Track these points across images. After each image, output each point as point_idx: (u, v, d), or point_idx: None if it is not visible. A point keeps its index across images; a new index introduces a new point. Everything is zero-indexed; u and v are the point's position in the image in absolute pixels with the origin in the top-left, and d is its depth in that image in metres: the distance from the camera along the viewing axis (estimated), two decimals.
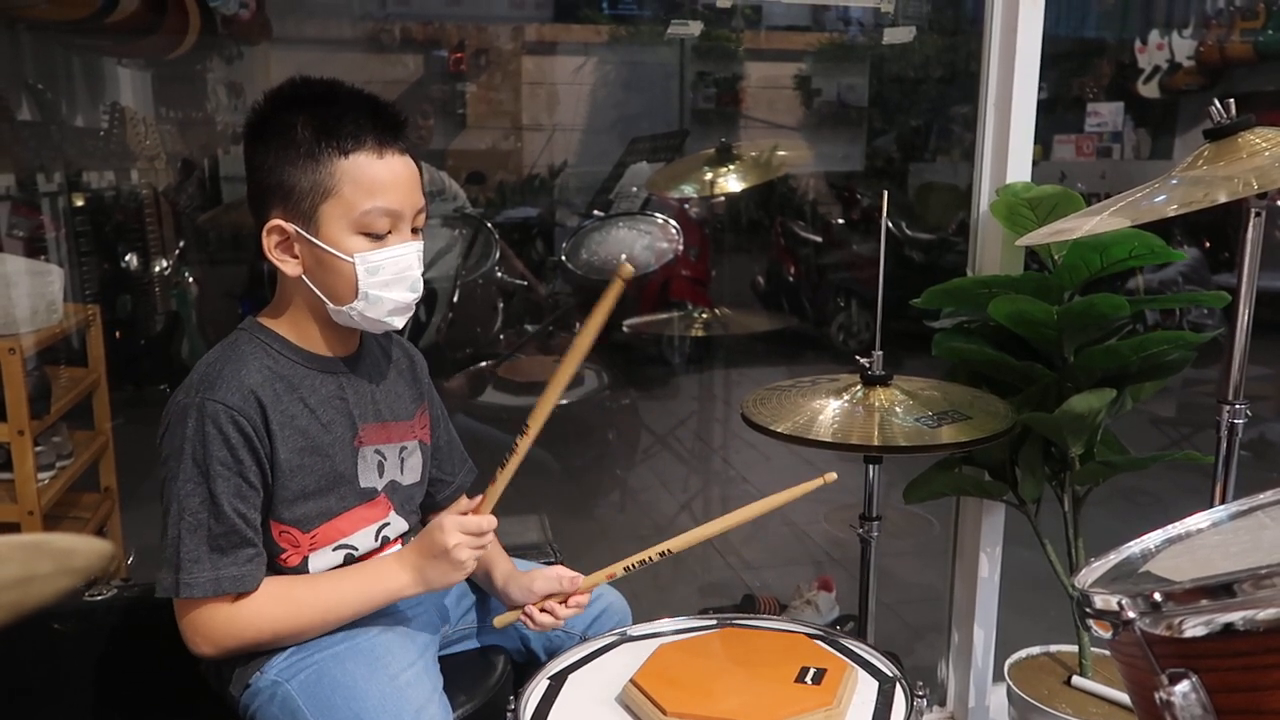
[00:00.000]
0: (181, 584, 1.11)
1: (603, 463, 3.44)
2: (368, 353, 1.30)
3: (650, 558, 1.26)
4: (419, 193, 1.20)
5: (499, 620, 1.32)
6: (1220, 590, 0.75)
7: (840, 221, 5.61)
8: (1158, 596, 0.80)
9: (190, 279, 3.63)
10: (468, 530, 1.17)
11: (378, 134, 1.15)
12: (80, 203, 3.20)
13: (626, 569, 1.27)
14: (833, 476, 1.22)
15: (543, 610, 1.28)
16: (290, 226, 1.16)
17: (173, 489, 1.12)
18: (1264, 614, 0.73)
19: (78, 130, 3.44)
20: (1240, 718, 0.76)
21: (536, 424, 1.19)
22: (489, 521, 1.19)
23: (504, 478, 1.22)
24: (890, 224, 3.94)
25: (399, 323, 1.21)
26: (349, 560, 1.25)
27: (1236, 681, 0.75)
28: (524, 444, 1.20)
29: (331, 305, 1.18)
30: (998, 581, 2.10)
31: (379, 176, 1.15)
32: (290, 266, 1.18)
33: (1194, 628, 0.77)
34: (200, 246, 3.81)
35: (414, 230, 1.21)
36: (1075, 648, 1.92)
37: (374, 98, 1.19)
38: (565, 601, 1.28)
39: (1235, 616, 0.74)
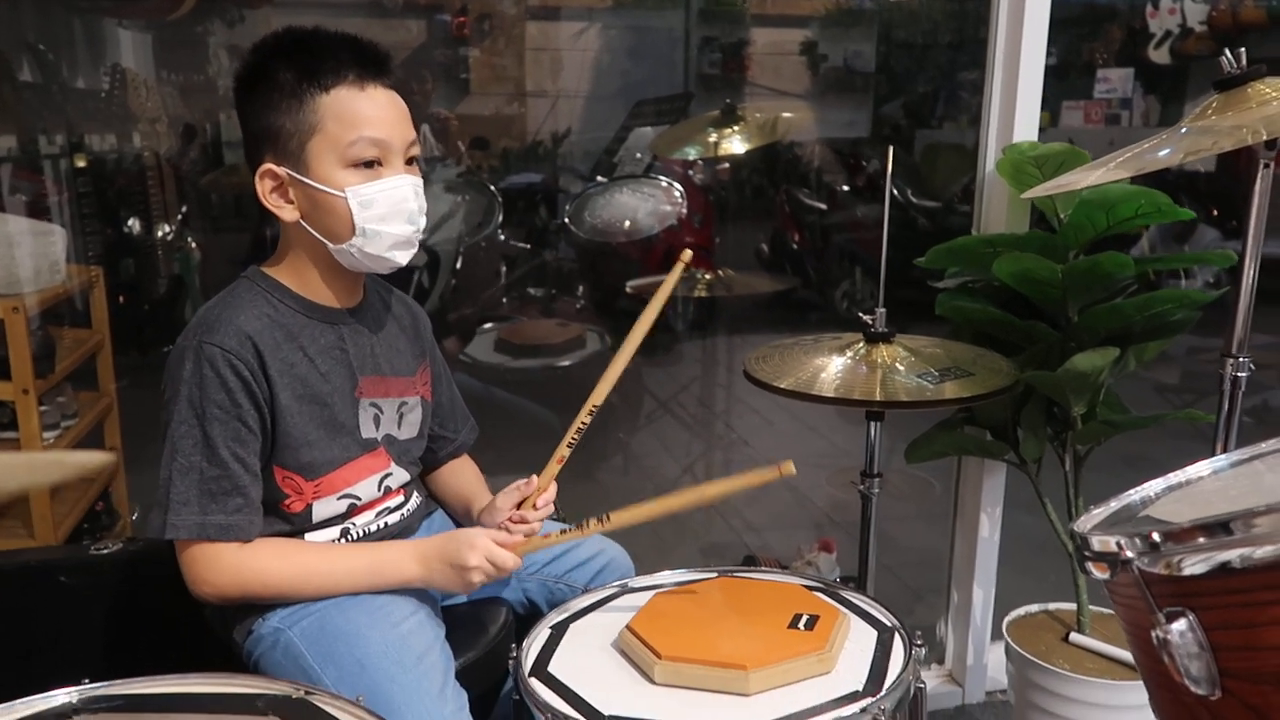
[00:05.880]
0: (168, 524, 1.12)
1: (605, 426, 3.44)
2: (370, 306, 1.30)
3: (583, 421, 1.31)
4: (408, 125, 1.20)
5: None
6: (1218, 528, 0.76)
7: (846, 189, 5.57)
8: (1156, 536, 0.80)
9: (193, 244, 3.63)
10: (493, 561, 1.18)
11: (359, 69, 1.16)
12: (82, 165, 3.18)
13: (569, 444, 1.31)
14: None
15: (518, 521, 1.30)
16: (282, 170, 1.17)
17: (168, 431, 1.14)
18: (1261, 551, 0.73)
19: (79, 92, 3.41)
20: (1236, 654, 0.77)
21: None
22: (514, 563, 1.20)
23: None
24: (895, 191, 3.91)
25: (403, 258, 1.21)
26: (352, 509, 1.26)
27: (1233, 619, 0.76)
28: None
29: (331, 245, 1.19)
30: (997, 541, 2.11)
31: (362, 109, 1.16)
32: (287, 212, 1.18)
33: (1192, 566, 0.77)
34: (203, 211, 3.80)
35: (409, 162, 1.21)
36: (1074, 606, 1.93)
37: (354, 37, 1.19)
38: (535, 506, 1.31)
39: (1232, 554, 0.75)
